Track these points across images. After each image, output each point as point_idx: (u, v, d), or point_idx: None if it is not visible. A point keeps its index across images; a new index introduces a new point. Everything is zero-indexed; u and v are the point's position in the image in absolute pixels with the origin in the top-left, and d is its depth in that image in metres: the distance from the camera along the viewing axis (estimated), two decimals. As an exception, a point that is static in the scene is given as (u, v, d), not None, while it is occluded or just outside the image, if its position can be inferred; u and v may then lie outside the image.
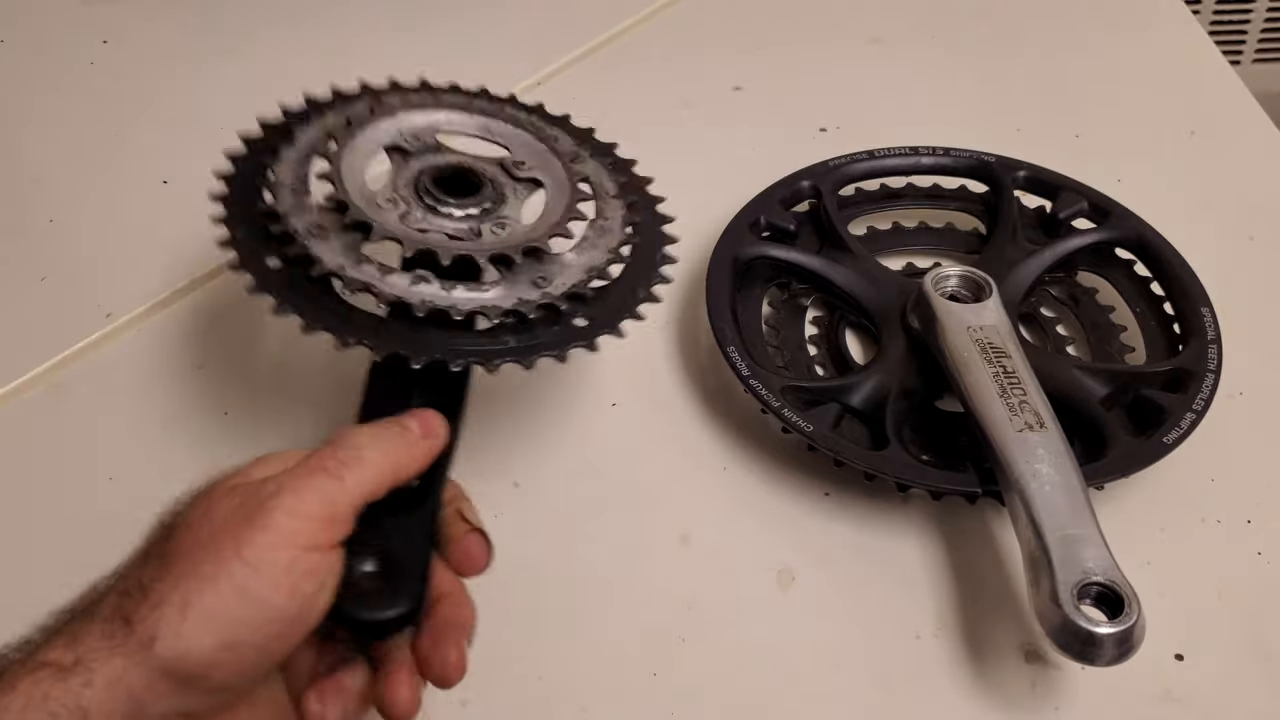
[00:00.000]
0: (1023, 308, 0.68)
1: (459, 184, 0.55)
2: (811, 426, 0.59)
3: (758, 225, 0.71)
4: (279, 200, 0.52)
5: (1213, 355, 0.63)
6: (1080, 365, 0.64)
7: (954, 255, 0.74)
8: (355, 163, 0.55)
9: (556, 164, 0.58)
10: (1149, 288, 0.70)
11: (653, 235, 0.59)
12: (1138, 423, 0.61)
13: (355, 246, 0.51)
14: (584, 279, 0.53)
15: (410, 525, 0.46)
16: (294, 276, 0.51)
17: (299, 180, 0.54)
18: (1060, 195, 0.73)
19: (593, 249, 0.55)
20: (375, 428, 0.46)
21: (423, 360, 0.49)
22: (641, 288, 0.55)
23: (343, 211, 0.52)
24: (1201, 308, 0.65)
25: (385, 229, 0.52)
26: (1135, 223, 0.71)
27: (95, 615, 0.41)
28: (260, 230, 0.52)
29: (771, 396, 0.60)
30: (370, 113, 0.58)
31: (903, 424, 0.61)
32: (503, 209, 0.55)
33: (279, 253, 0.51)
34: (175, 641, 0.40)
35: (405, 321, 0.50)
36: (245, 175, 0.55)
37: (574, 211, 0.55)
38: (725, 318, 0.64)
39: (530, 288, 0.52)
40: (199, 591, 0.41)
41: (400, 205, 0.54)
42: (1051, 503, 0.53)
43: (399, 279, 0.51)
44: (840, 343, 0.68)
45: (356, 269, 0.50)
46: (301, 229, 0.51)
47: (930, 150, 0.76)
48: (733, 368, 0.61)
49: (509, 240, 0.53)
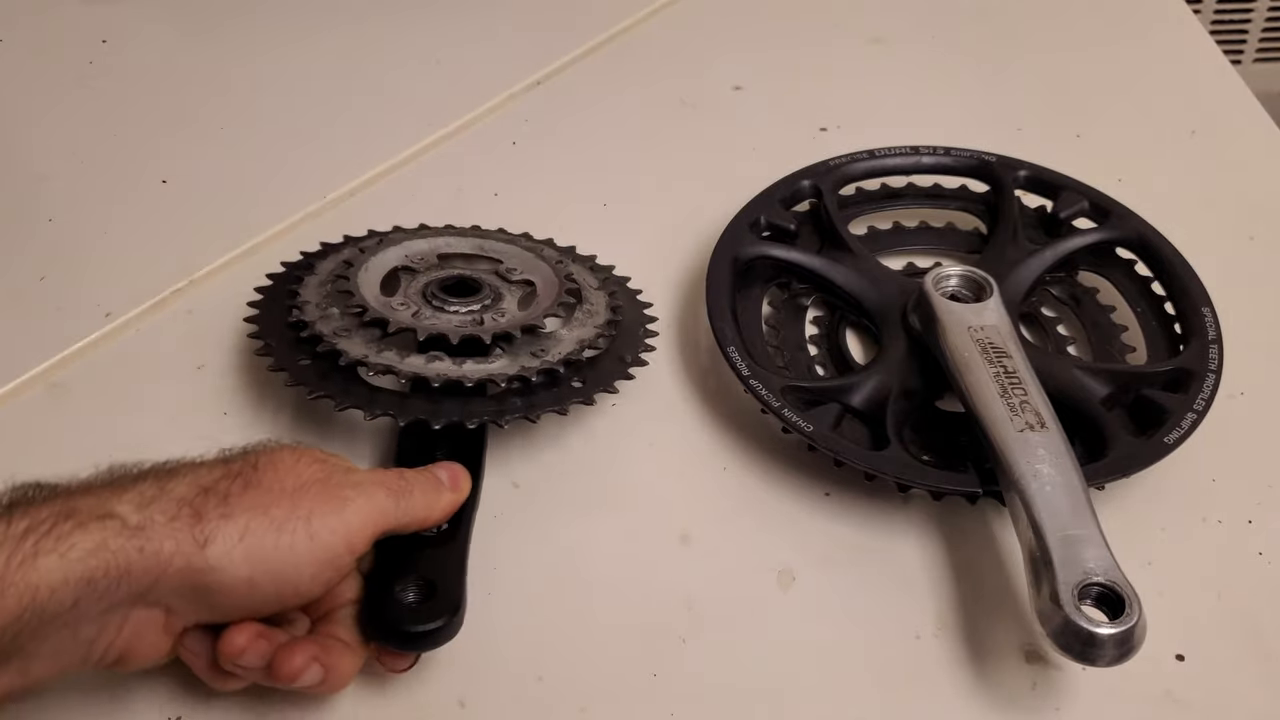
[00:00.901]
0: (1023, 307, 0.68)
1: (461, 288, 0.64)
2: (811, 426, 0.59)
3: (758, 225, 0.71)
4: (305, 313, 0.61)
5: (1213, 355, 0.63)
6: (1081, 365, 0.64)
7: (955, 255, 0.74)
8: (370, 279, 0.64)
9: (545, 266, 0.67)
10: (1150, 288, 0.70)
11: (635, 315, 0.67)
12: (1138, 423, 0.61)
13: (375, 340, 0.59)
14: (577, 349, 0.61)
15: (445, 558, 0.53)
16: (323, 369, 0.59)
17: (322, 299, 0.62)
18: (1061, 195, 0.73)
19: (582, 326, 0.63)
20: (422, 473, 0.53)
21: (442, 421, 0.56)
22: (630, 353, 0.63)
23: (362, 314, 0.60)
24: (1202, 308, 0.65)
25: (400, 323, 0.60)
26: (1136, 222, 0.71)
27: (169, 493, 0.45)
28: (291, 339, 0.61)
29: (771, 396, 0.60)
30: (379, 243, 0.67)
31: (903, 424, 0.61)
32: (500, 304, 0.63)
33: (309, 353, 0.59)
34: (221, 556, 0.44)
35: (424, 394, 0.58)
36: (273, 301, 0.64)
37: (563, 297, 0.64)
38: (725, 318, 0.64)
39: (531, 358, 0.59)
40: (261, 528, 0.45)
41: (412, 307, 0.62)
42: (1052, 503, 0.53)
43: (415, 359, 0.58)
44: (840, 343, 0.68)
45: (378, 356, 0.58)
46: (328, 332, 0.60)
47: (931, 150, 0.76)
48: (733, 368, 0.61)
49: (508, 323, 0.61)
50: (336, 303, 0.62)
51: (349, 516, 0.47)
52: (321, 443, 0.60)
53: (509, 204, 0.77)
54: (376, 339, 0.59)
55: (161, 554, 0.43)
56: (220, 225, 0.75)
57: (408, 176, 0.80)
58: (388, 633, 0.50)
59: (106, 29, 0.90)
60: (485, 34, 0.92)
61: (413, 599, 0.51)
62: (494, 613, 0.55)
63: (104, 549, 0.42)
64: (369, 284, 0.63)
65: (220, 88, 0.86)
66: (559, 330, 0.62)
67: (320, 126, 0.84)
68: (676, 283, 0.72)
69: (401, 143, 0.82)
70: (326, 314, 0.61)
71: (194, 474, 0.46)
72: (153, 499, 0.44)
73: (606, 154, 0.83)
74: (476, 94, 0.86)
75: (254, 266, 0.71)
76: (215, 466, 0.47)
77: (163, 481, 0.45)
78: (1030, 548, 0.52)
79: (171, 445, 0.62)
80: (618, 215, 0.77)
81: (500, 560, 0.57)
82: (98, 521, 0.42)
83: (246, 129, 0.83)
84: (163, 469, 0.47)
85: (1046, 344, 0.68)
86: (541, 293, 0.65)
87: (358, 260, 0.64)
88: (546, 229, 0.72)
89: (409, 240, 0.67)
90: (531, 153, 0.82)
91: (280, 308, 0.63)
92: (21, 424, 0.64)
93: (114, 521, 0.42)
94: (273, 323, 0.62)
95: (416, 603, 0.51)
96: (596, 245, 0.72)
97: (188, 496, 0.45)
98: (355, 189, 0.78)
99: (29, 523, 0.41)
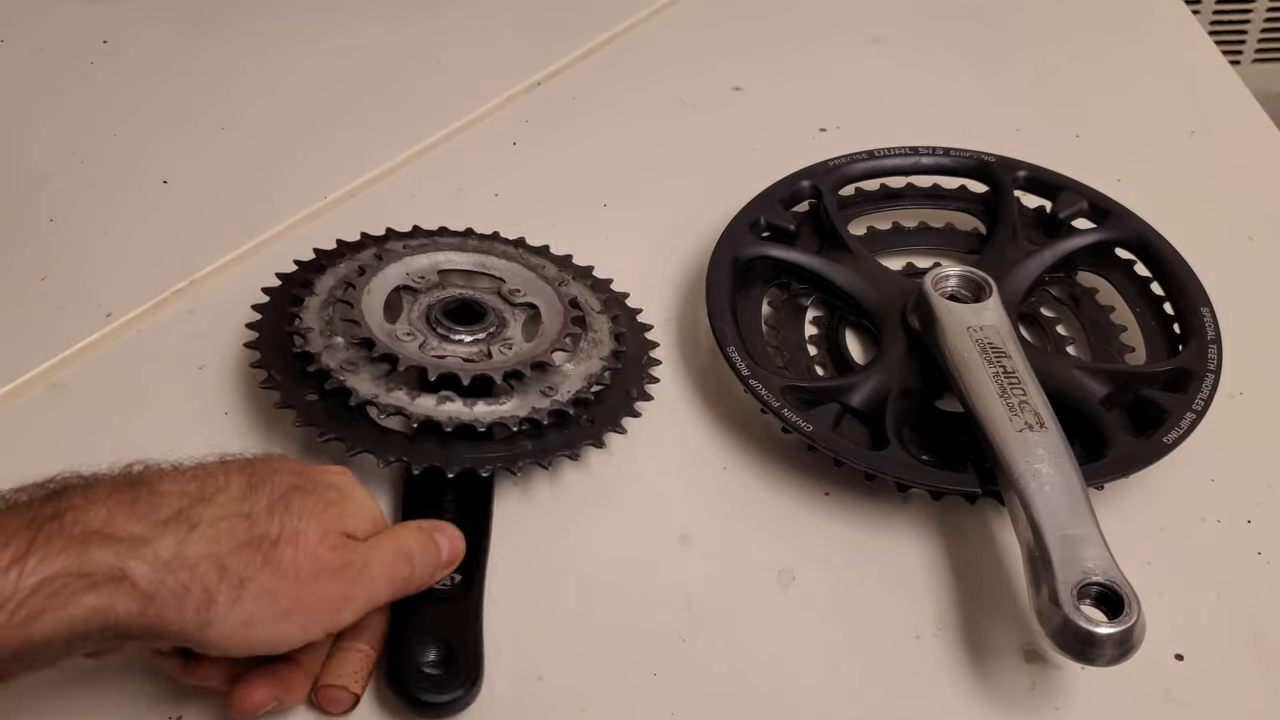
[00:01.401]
0: (1022, 308, 0.68)
1: (465, 314, 0.63)
2: (811, 426, 0.59)
3: (758, 225, 0.71)
4: (310, 343, 0.60)
5: (1212, 355, 0.63)
6: (1080, 365, 0.64)
7: (954, 255, 0.74)
8: (373, 304, 0.62)
9: (547, 289, 0.66)
10: (1149, 288, 0.70)
11: (637, 340, 0.66)
12: (1137, 423, 0.61)
13: (383, 376, 0.58)
14: (585, 385, 0.61)
15: (460, 615, 0.53)
16: (331, 407, 0.58)
17: (325, 325, 0.61)
18: (1060, 195, 0.73)
19: (588, 359, 0.62)
20: (428, 550, 0.52)
21: (455, 470, 0.56)
22: (634, 387, 0.63)
23: (370, 347, 0.59)
24: (1201, 308, 0.65)
25: (410, 359, 0.59)
26: (1135, 223, 0.71)
27: (186, 556, 0.44)
28: (297, 370, 0.59)
29: (771, 396, 0.60)
30: (378, 259, 0.65)
31: (903, 424, 0.61)
32: (505, 331, 0.63)
33: (316, 388, 0.58)
34: (219, 636, 0.45)
35: (434, 436, 0.57)
36: (274, 320, 0.63)
37: (569, 329, 0.63)
38: (725, 318, 0.64)
39: (540, 397, 0.59)
40: (264, 617, 0.46)
41: (418, 336, 0.61)
42: (1051, 503, 0.53)
43: (426, 400, 0.58)
44: (840, 343, 0.68)
45: (388, 395, 0.57)
46: (335, 366, 0.58)
47: (930, 150, 0.76)
48: (733, 368, 0.61)
49: (516, 358, 0.61)
50: (340, 330, 0.61)
51: (345, 615, 0.49)
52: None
53: (509, 204, 0.77)
54: (384, 375, 0.58)
55: (163, 619, 0.43)
56: (221, 225, 0.75)
57: (408, 177, 0.80)
58: (407, 701, 0.51)
59: (107, 29, 0.90)
60: (485, 34, 0.92)
61: (431, 665, 0.51)
62: (494, 612, 0.55)
63: (109, 611, 0.42)
64: (372, 309, 0.62)
65: (220, 88, 0.86)
66: (566, 365, 0.62)
67: (321, 126, 0.84)
68: (676, 282, 0.72)
69: (402, 143, 0.82)
70: (331, 343, 0.60)
71: (216, 529, 0.45)
72: (168, 562, 0.43)
73: (606, 154, 0.83)
74: (476, 94, 0.86)
75: (255, 266, 0.71)
76: (238, 521, 0.46)
77: (184, 531, 0.44)
78: (1029, 547, 0.52)
79: (171, 445, 0.62)
80: (618, 215, 0.77)
81: (500, 560, 0.57)
82: (111, 585, 0.42)
83: (247, 129, 0.83)
84: (191, 501, 0.45)
85: (1046, 344, 0.68)
86: (546, 319, 0.64)
87: (359, 281, 0.63)
88: (546, 230, 0.72)
89: (410, 256, 0.66)
90: (531, 153, 0.82)
91: (282, 334, 0.61)
92: (21, 424, 0.64)
93: (125, 584, 0.42)
94: (275, 348, 0.61)
95: (436, 671, 0.51)
96: (596, 245, 0.72)
97: (203, 569, 0.44)
98: (356, 189, 0.78)
99: (42, 577, 0.40)
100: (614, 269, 0.70)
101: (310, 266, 0.66)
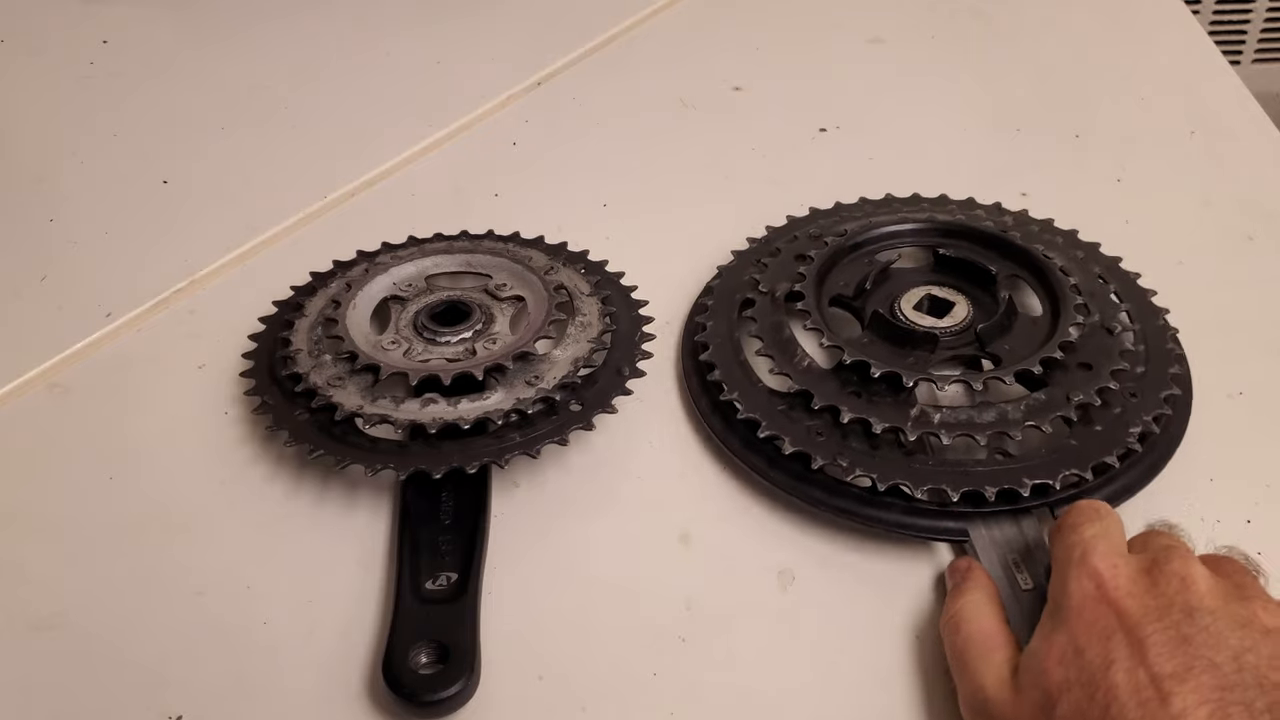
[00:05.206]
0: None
1: (452, 314, 0.64)
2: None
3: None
4: (299, 364, 0.61)
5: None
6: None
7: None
8: (359, 318, 0.64)
9: (534, 279, 0.66)
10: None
11: (630, 318, 0.66)
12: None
13: (368, 387, 0.60)
14: (572, 370, 0.61)
15: (455, 614, 0.53)
16: (321, 423, 0.59)
17: (314, 344, 0.62)
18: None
19: (575, 343, 0.62)
20: None
21: (442, 470, 0.56)
22: (627, 365, 0.63)
23: (354, 360, 0.60)
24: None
25: (391, 366, 0.60)
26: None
27: None
28: (287, 391, 0.61)
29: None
30: (366, 273, 0.66)
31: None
32: (492, 327, 0.63)
33: (305, 406, 0.60)
34: None
35: (422, 439, 0.58)
36: (267, 344, 0.64)
37: (553, 315, 0.63)
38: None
39: (525, 387, 0.59)
40: None
41: (403, 344, 0.62)
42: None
43: (410, 404, 0.58)
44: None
45: (373, 405, 0.58)
46: (322, 383, 0.60)
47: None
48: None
49: (500, 351, 0.61)
50: (327, 347, 0.62)
51: None
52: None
53: (509, 204, 0.77)
54: (369, 385, 0.59)
55: None
56: (221, 225, 0.75)
57: (408, 177, 0.80)
58: (404, 701, 0.51)
59: (107, 29, 0.90)
60: (485, 34, 0.92)
61: (426, 664, 0.51)
62: (494, 613, 0.55)
63: None
64: (358, 323, 0.63)
65: (220, 88, 0.86)
66: (552, 352, 0.62)
67: (321, 127, 0.84)
68: (676, 282, 0.72)
69: (402, 143, 0.82)
70: (319, 361, 0.61)
71: None
72: None
73: (606, 154, 0.83)
74: (476, 94, 0.86)
75: (255, 266, 0.71)
76: None
77: None
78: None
79: (171, 445, 0.63)
80: (617, 215, 0.77)
81: (501, 560, 0.57)
82: None
83: (246, 129, 0.83)
84: None
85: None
86: (532, 309, 0.64)
87: (344, 298, 0.64)
88: (546, 229, 0.72)
89: (397, 265, 0.67)
90: (531, 153, 0.83)
91: (274, 358, 0.63)
92: (21, 424, 0.64)
93: None
94: (268, 372, 0.62)
95: (431, 670, 0.51)
96: (596, 245, 0.72)
97: None
98: (356, 189, 0.79)
99: None
100: (614, 269, 0.70)
101: (303, 290, 0.68)
